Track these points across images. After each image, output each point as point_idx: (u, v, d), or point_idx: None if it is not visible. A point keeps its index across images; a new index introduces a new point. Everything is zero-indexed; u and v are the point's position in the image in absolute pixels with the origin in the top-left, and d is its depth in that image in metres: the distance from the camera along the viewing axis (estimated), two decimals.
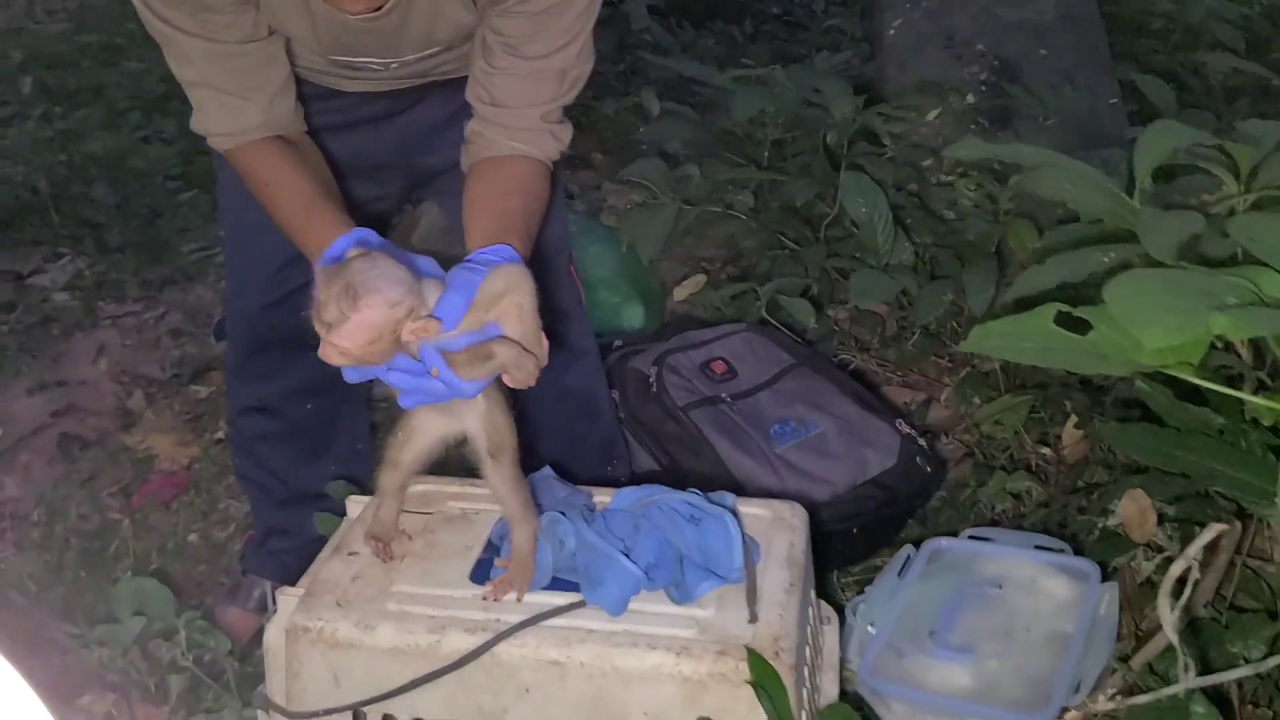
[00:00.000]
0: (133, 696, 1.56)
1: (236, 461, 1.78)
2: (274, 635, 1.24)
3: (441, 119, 1.47)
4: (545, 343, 1.12)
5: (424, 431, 1.24)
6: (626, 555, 1.21)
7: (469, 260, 1.17)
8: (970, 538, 1.66)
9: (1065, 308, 1.03)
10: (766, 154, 2.77)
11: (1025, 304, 1.10)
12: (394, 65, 1.40)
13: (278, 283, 1.54)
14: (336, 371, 1.61)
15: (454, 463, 1.28)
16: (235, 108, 1.32)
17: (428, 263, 1.15)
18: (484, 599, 1.20)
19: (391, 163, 1.58)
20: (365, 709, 1.20)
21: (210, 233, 3.09)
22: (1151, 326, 0.96)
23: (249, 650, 1.65)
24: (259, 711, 1.28)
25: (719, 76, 2.97)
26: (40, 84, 4.14)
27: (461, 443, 1.23)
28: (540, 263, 1.56)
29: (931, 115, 3.09)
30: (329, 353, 1.06)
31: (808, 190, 2.50)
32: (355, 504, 1.41)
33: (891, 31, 3.79)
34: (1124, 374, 1.35)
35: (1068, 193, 1.32)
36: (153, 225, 3.14)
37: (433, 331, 1.07)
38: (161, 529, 2.03)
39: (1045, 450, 2.02)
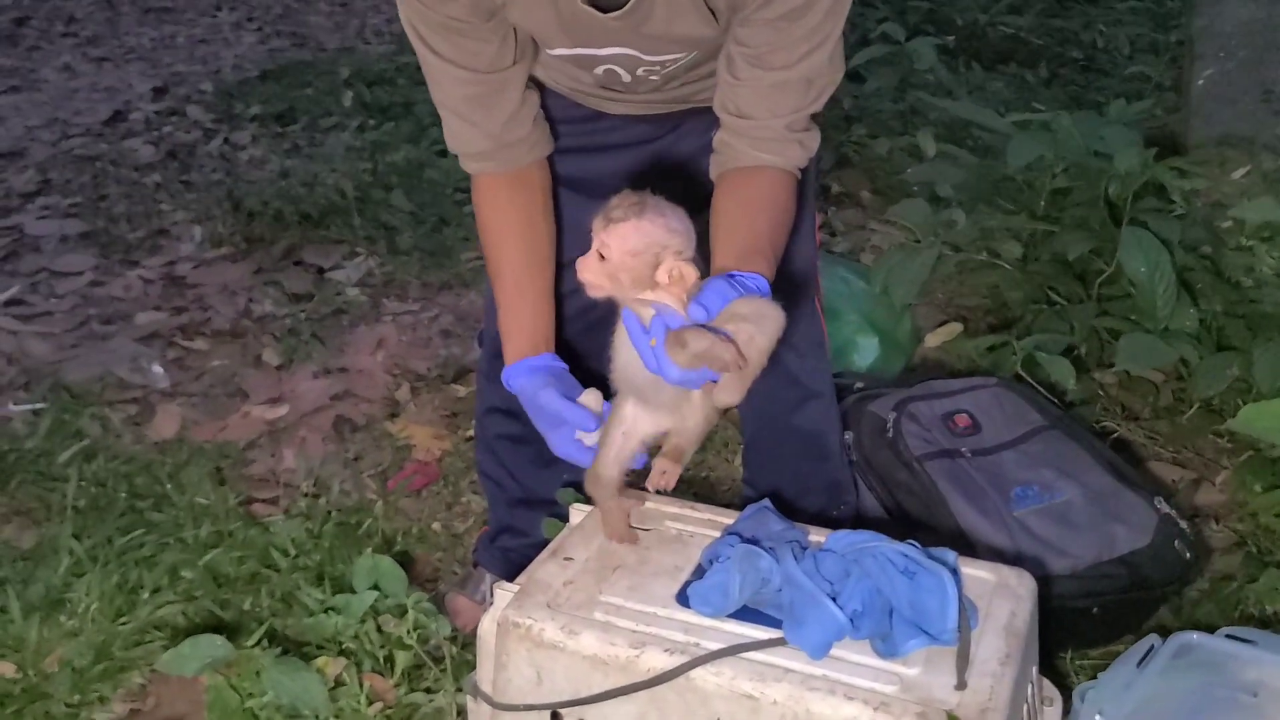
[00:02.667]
0: (363, 664, 1.67)
1: (479, 459, 1.87)
2: (487, 627, 1.30)
3: (697, 148, 1.50)
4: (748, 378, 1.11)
5: (632, 432, 1.27)
6: (833, 599, 1.18)
7: (731, 275, 1.18)
8: (1229, 636, 1.51)
9: None
10: (1043, 203, 2.64)
11: None
12: (640, 72, 1.42)
13: None
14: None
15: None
16: (468, 134, 1.42)
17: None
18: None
19: (645, 187, 1.63)
20: (563, 710, 1.24)
21: None
22: None
23: (470, 639, 1.73)
24: (469, 698, 1.34)
25: (999, 120, 2.86)
26: (359, 98, 4.55)
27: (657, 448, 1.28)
28: (782, 295, 1.57)
29: (1237, 173, 2.85)
30: (588, 261, 1.13)
31: (1083, 243, 2.36)
32: (578, 512, 1.46)
33: (1201, 81, 3.53)
34: None
35: None
36: (439, 232, 3.37)
37: (689, 278, 1.11)
38: (409, 513, 2.17)
39: None
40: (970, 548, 1.67)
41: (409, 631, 1.67)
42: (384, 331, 2.84)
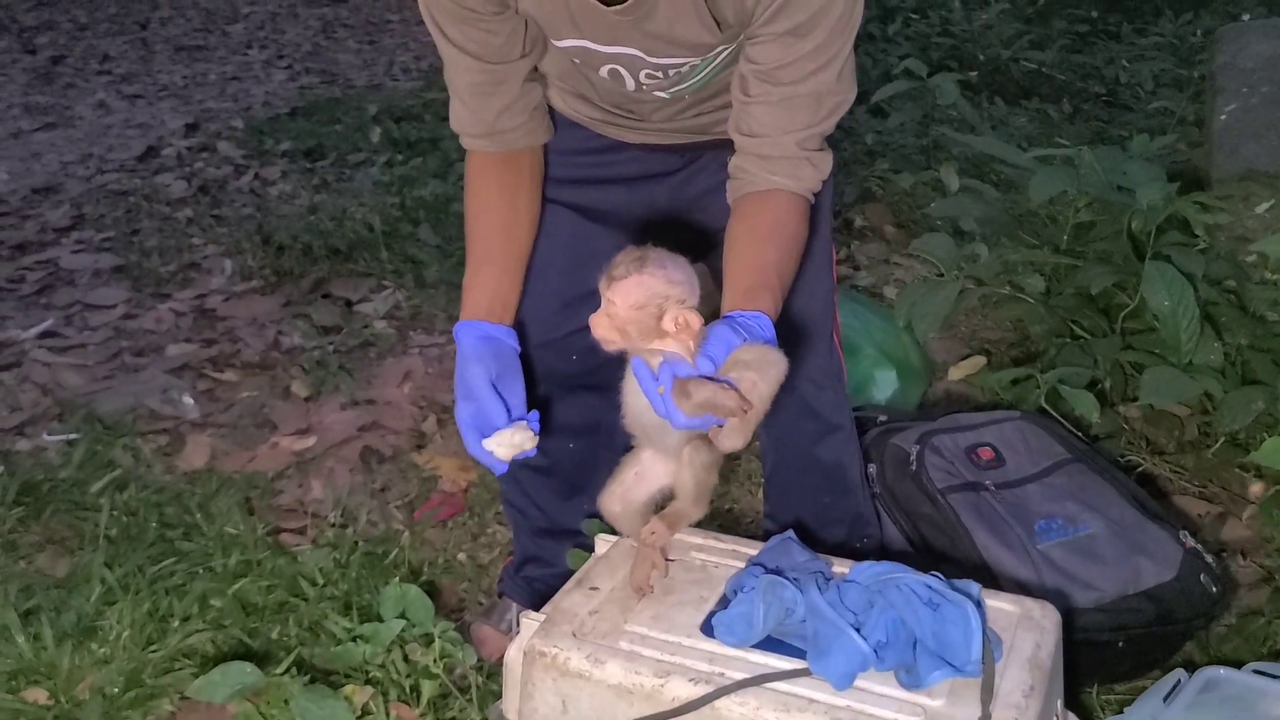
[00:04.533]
0: (389, 693, 1.68)
1: (504, 489, 1.89)
2: (514, 655, 1.31)
3: (715, 183, 1.53)
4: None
5: (645, 475, 1.31)
6: (857, 630, 1.19)
7: (733, 318, 1.21)
8: (1256, 671, 1.50)
9: None
10: (1066, 237, 2.65)
11: None
12: (643, 76, 1.44)
13: (554, 325, 1.64)
14: (599, 416, 1.73)
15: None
16: (464, 116, 1.49)
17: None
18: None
19: (663, 219, 1.65)
20: None
21: None
22: None
23: (495, 668, 1.74)
24: None
25: (1021, 155, 2.87)
26: (387, 134, 4.62)
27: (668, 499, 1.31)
28: (800, 332, 1.59)
29: (1261, 208, 2.85)
30: (599, 318, 1.18)
31: (1106, 278, 2.36)
32: (603, 542, 1.47)
33: (1224, 116, 3.54)
34: None
35: None
36: (465, 266, 3.40)
37: (694, 325, 1.15)
38: (435, 544, 2.19)
39: None
40: (994, 580, 1.67)
41: (435, 661, 1.68)
42: (411, 364, 2.88)
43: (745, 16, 1.31)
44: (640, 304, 1.16)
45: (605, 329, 1.18)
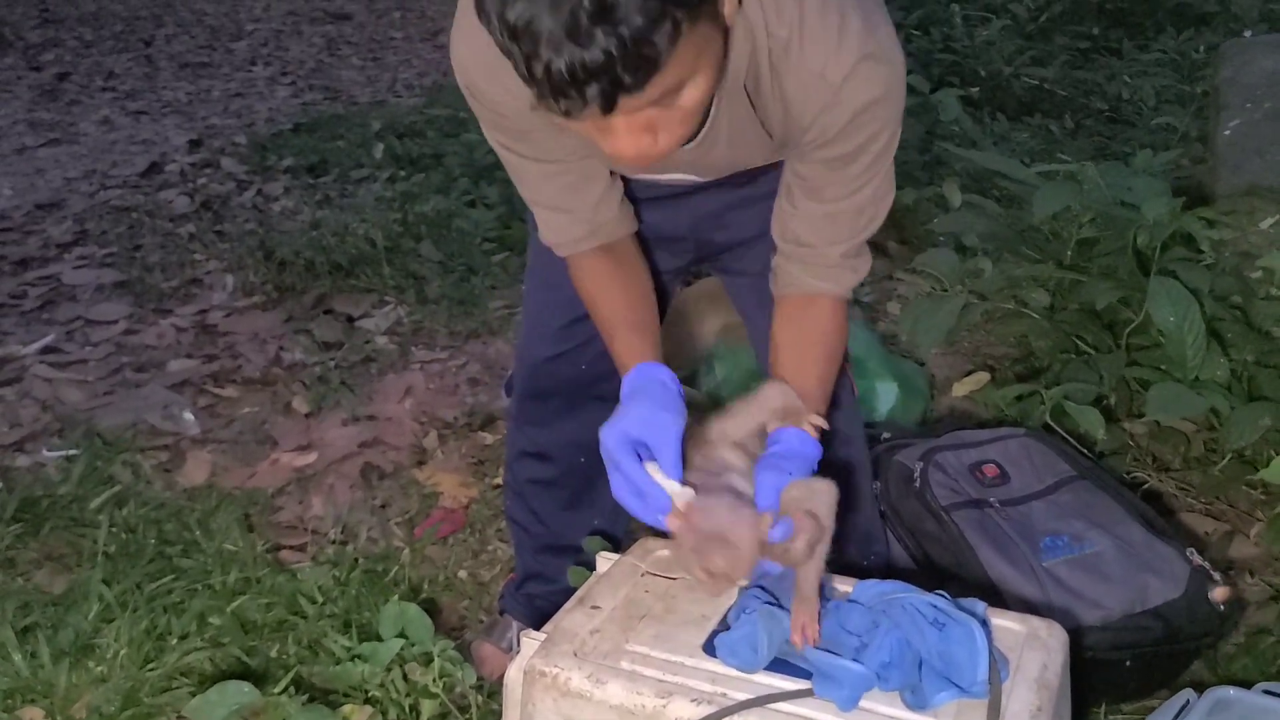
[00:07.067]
0: (389, 712, 1.67)
1: (507, 504, 1.88)
2: (514, 675, 1.29)
3: (734, 200, 1.52)
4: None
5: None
6: (861, 648, 1.17)
7: (774, 454, 1.26)
8: (1266, 691, 1.49)
9: None
10: (1070, 253, 2.64)
11: None
12: (699, 181, 1.45)
13: (565, 337, 1.63)
14: None
15: None
16: (563, 223, 1.44)
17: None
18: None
19: (684, 235, 1.64)
20: None
21: (516, 292, 3.32)
22: None
23: (495, 687, 1.72)
24: None
25: (1024, 171, 2.87)
26: (390, 150, 4.62)
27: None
28: None
29: (1266, 223, 2.84)
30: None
31: (1111, 293, 2.35)
32: (604, 560, 1.45)
33: (1227, 131, 3.53)
34: None
35: None
36: (467, 281, 3.40)
37: (764, 531, 1.20)
38: (436, 561, 2.17)
39: None
40: (999, 598, 1.65)
41: (435, 679, 1.66)
42: (412, 379, 2.87)
43: (796, 134, 1.31)
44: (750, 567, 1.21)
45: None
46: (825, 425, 1.33)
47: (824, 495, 1.21)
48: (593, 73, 0.95)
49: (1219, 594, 1.71)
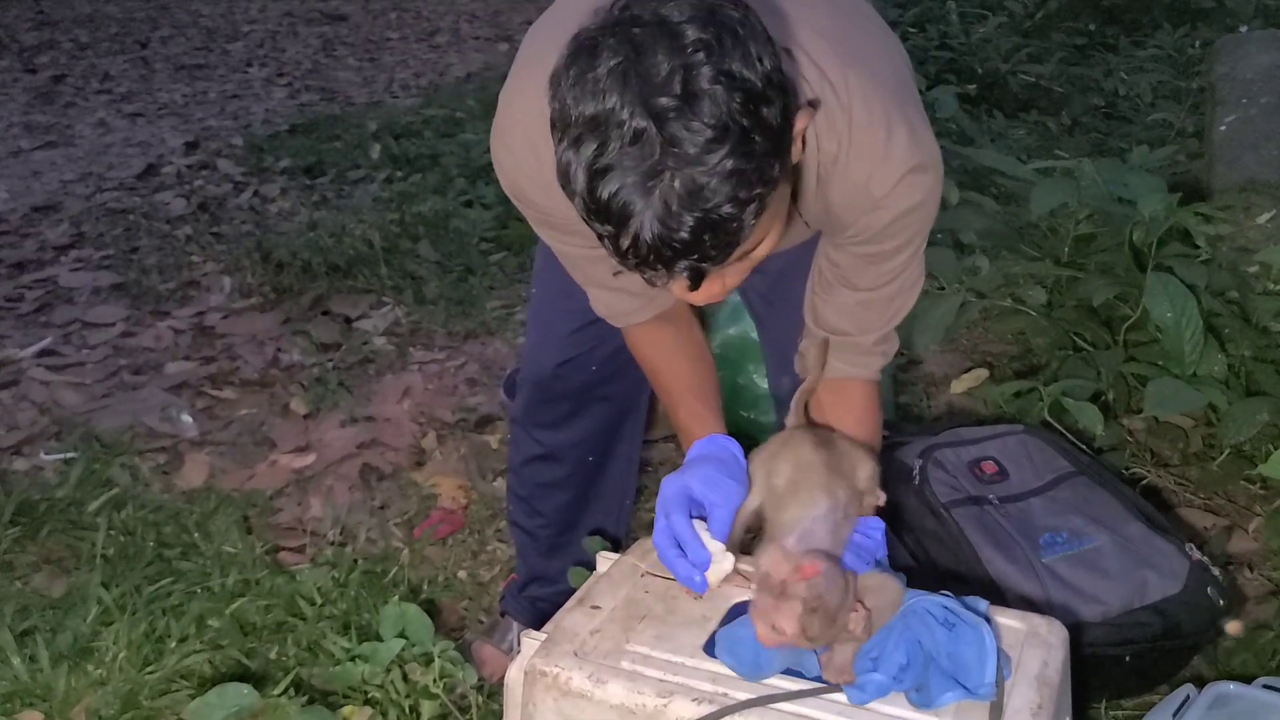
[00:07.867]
0: (389, 713, 1.67)
1: (511, 509, 1.88)
2: (514, 676, 1.29)
3: None
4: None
5: None
6: (876, 657, 1.18)
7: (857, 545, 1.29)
8: (1266, 686, 1.49)
9: None
10: (1067, 249, 2.64)
11: None
12: None
13: (576, 342, 1.63)
14: (616, 427, 1.74)
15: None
16: (617, 300, 1.44)
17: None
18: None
19: None
20: None
21: (513, 292, 3.32)
22: None
23: (496, 688, 1.72)
24: None
25: (1021, 168, 2.87)
26: (387, 150, 4.62)
27: None
28: None
29: (1262, 218, 2.85)
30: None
31: (1108, 289, 2.35)
32: (604, 560, 1.45)
33: (1223, 127, 3.54)
34: None
35: None
36: (465, 281, 3.40)
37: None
38: (435, 561, 2.17)
39: None
40: (999, 595, 1.65)
41: (435, 680, 1.66)
42: (410, 380, 2.86)
43: (835, 231, 1.32)
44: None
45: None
46: (883, 503, 1.36)
47: (891, 591, 1.22)
48: (681, 253, 0.98)
49: (1232, 628, 1.73)
